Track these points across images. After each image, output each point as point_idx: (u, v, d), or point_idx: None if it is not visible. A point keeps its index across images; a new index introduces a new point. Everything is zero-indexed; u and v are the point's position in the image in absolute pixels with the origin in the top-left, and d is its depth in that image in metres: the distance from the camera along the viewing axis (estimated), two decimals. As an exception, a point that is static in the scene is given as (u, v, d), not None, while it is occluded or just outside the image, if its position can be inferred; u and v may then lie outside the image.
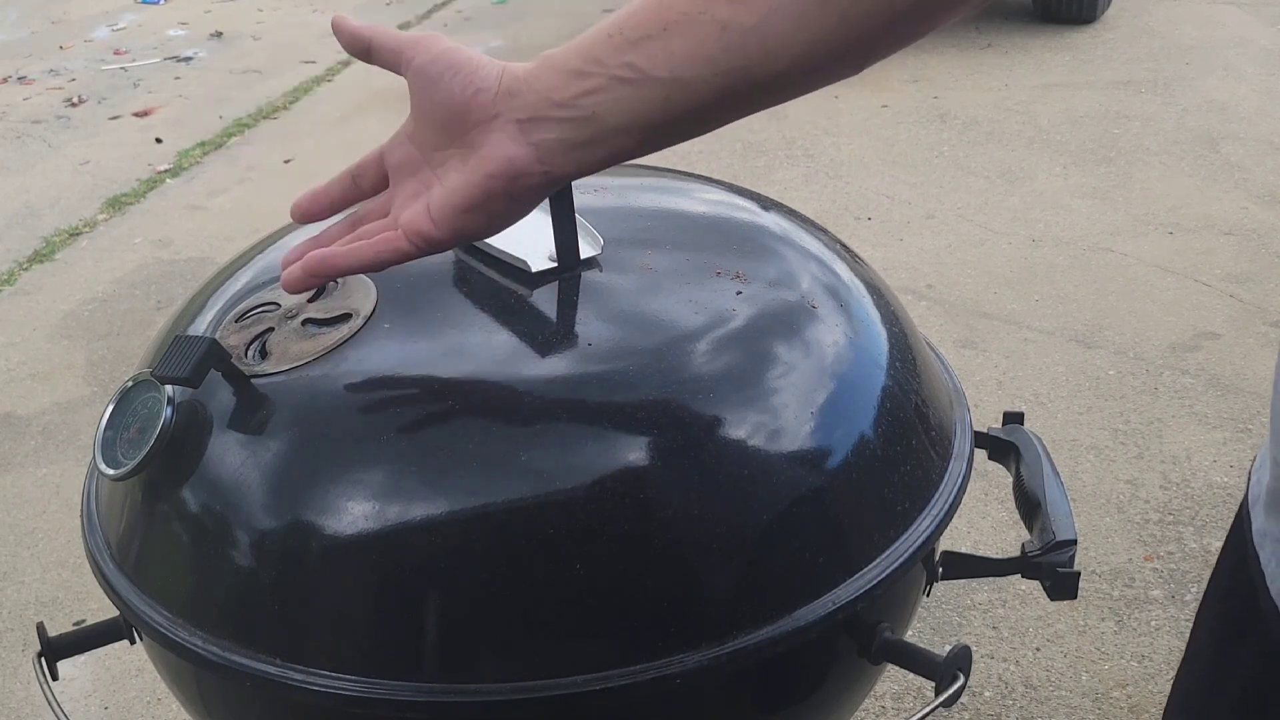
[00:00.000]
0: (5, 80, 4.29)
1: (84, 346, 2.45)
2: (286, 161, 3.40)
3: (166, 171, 3.37)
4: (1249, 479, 0.66)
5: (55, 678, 0.78)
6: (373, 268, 0.62)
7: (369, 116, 3.71)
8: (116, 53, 4.58)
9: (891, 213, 2.86)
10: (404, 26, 4.75)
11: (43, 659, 0.78)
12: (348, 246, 0.62)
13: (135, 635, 0.76)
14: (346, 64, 4.30)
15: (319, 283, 0.64)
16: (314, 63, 4.33)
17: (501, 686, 0.62)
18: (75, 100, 4.01)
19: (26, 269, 2.83)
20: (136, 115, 3.86)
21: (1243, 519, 0.65)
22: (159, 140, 3.60)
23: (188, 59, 4.46)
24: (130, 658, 1.59)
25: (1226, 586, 0.69)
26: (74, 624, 1.67)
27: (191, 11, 5.15)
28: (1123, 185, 2.95)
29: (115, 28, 4.96)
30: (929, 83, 3.73)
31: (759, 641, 0.65)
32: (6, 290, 2.73)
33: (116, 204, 3.15)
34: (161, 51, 4.56)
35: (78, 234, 2.99)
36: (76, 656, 0.80)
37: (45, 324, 2.55)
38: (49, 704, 0.76)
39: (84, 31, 4.93)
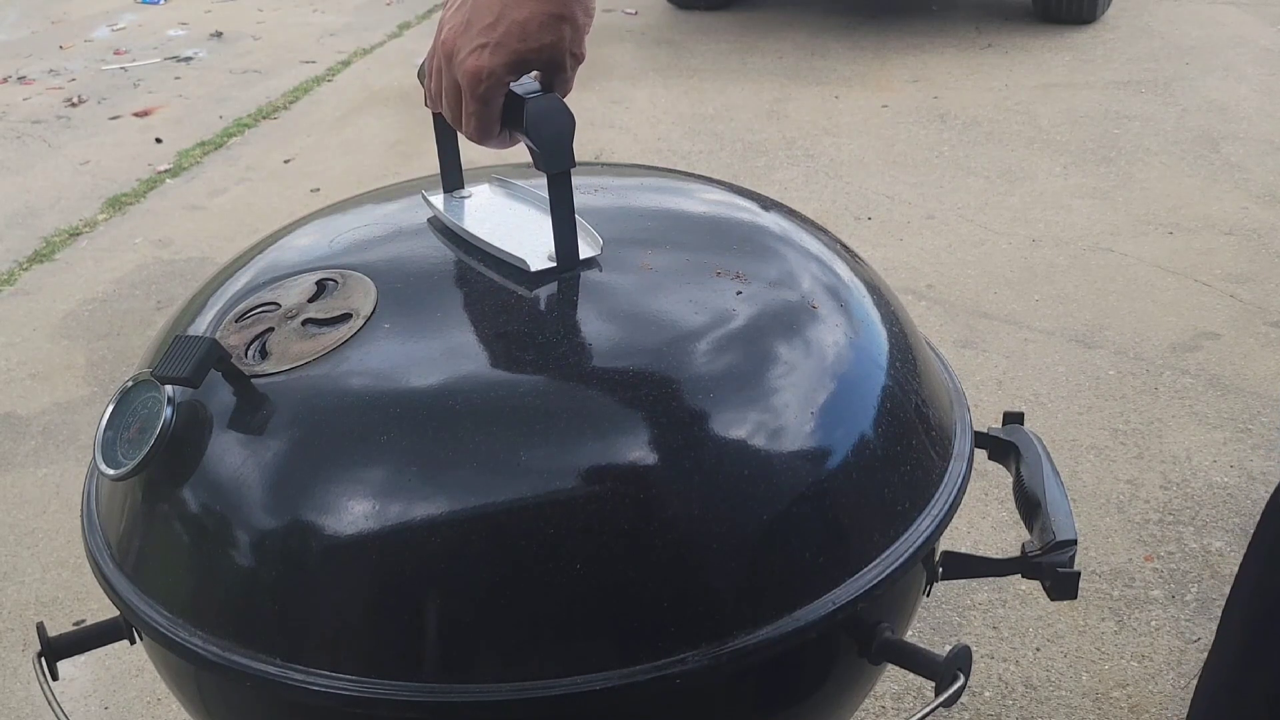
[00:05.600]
0: (5, 80, 4.29)
1: (84, 346, 2.45)
2: (286, 161, 3.39)
3: (166, 171, 3.36)
4: None
5: (55, 678, 0.78)
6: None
7: (369, 116, 3.71)
8: (116, 53, 4.58)
9: (891, 213, 2.86)
10: (404, 26, 4.75)
11: (43, 659, 0.78)
12: None
13: (135, 635, 0.76)
14: (346, 64, 4.30)
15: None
16: (314, 63, 4.33)
17: (501, 687, 0.62)
18: (75, 100, 4.01)
19: (26, 269, 2.83)
20: (136, 115, 3.85)
21: (1278, 503, 0.65)
22: (159, 140, 3.60)
23: (188, 59, 4.46)
24: (130, 658, 1.59)
25: (1258, 581, 0.69)
26: (74, 624, 1.67)
27: (191, 11, 5.14)
28: (1123, 185, 2.95)
29: (115, 28, 4.95)
30: (929, 83, 3.73)
31: (759, 641, 0.65)
32: (6, 290, 2.73)
33: (116, 204, 3.15)
34: (161, 51, 4.56)
35: (78, 234, 2.99)
36: (76, 656, 0.80)
37: (45, 324, 2.55)
38: (49, 704, 0.76)
39: (84, 31, 4.92)
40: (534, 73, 0.72)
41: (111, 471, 0.69)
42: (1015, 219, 2.79)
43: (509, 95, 0.71)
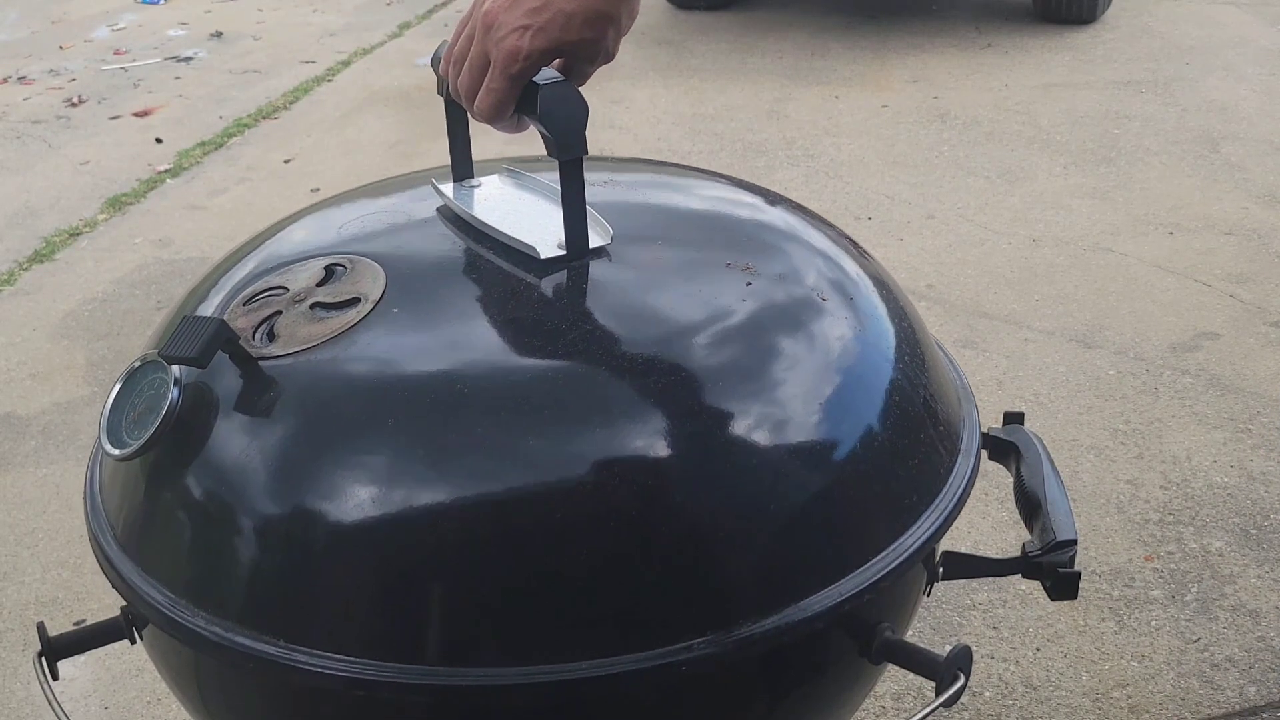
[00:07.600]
0: (5, 80, 4.28)
1: (84, 346, 2.45)
2: (286, 161, 3.39)
3: (166, 171, 3.36)
4: None
5: (55, 678, 0.77)
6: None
7: (369, 116, 3.71)
8: (116, 53, 4.57)
9: (891, 213, 2.86)
10: (404, 26, 4.75)
11: (43, 659, 0.77)
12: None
13: (135, 635, 0.76)
14: (346, 64, 4.30)
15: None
16: (314, 63, 4.33)
17: (505, 671, 0.62)
18: (75, 100, 4.00)
19: (26, 269, 2.82)
20: (136, 115, 3.85)
21: None
22: (159, 140, 3.60)
23: (188, 59, 4.46)
24: (130, 658, 1.59)
25: None
26: (74, 624, 1.66)
27: (191, 11, 5.14)
28: (1123, 185, 2.95)
29: (115, 28, 4.95)
30: (929, 83, 3.73)
31: (766, 630, 0.65)
32: (6, 290, 2.72)
33: (116, 204, 3.15)
34: (161, 51, 4.56)
35: (78, 234, 2.99)
36: (76, 656, 0.80)
37: (45, 324, 2.55)
38: (49, 704, 0.75)
39: (84, 31, 4.92)
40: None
41: (116, 451, 0.68)
42: (1015, 219, 2.80)
43: None
